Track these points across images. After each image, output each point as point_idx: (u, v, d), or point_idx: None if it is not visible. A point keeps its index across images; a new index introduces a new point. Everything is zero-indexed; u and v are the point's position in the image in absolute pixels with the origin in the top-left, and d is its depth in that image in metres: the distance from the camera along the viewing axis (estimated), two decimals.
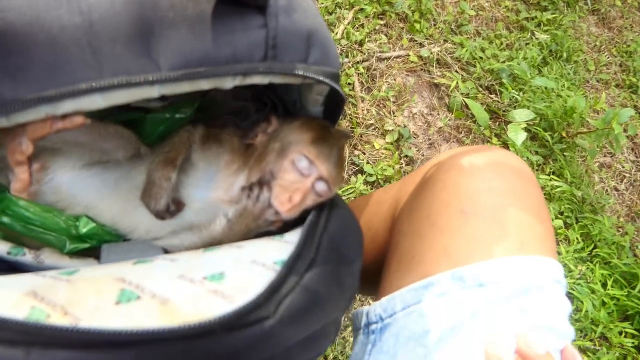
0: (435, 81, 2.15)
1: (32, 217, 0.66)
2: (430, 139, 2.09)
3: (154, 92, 0.48)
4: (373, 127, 2.03)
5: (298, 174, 0.66)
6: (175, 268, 0.52)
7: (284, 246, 0.57)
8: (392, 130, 2.02)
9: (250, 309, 0.44)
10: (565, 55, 2.35)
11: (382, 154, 2.02)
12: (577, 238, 2.00)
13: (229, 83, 0.50)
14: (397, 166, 1.96)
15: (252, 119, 0.81)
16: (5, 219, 0.66)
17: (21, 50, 0.44)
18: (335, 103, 0.65)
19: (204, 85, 0.49)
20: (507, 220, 0.70)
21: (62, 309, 0.44)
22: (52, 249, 0.66)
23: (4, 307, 0.41)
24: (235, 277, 0.50)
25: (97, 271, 0.52)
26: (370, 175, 1.90)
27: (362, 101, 2.04)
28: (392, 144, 2.02)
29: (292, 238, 0.60)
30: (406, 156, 2.01)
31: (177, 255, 0.57)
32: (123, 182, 0.70)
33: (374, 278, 0.84)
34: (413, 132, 2.08)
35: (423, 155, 2.02)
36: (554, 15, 2.44)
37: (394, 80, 2.13)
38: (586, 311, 1.79)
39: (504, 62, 2.21)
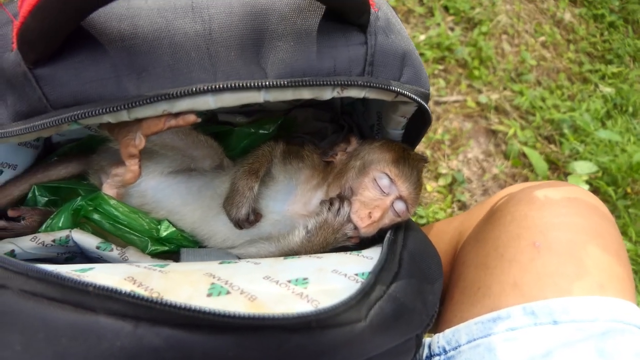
0: (493, 128, 2.13)
1: (120, 217, 0.70)
2: (484, 185, 2.06)
3: (260, 97, 0.51)
4: (426, 169, 2.02)
5: (378, 191, 0.68)
6: (260, 270, 0.54)
7: (363, 260, 0.58)
8: (446, 173, 2.01)
9: (345, 308, 0.44)
10: (631, 109, 2.28)
11: (434, 196, 1.99)
12: None
13: (328, 94, 0.53)
14: (449, 210, 1.93)
15: (329, 139, 0.83)
16: (96, 216, 0.70)
17: (147, 52, 0.49)
18: (418, 125, 0.67)
19: (306, 94, 0.52)
20: (584, 258, 0.67)
21: (159, 295, 0.45)
22: (135, 248, 0.69)
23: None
24: (319, 283, 0.51)
25: (186, 266, 0.54)
26: (421, 217, 1.88)
27: None
28: (445, 187, 2.00)
29: (370, 254, 0.60)
30: (459, 200, 1.98)
31: (260, 260, 0.59)
32: (205, 190, 0.73)
33: None
34: (467, 177, 2.05)
35: (476, 200, 1.98)
36: (619, 69, 2.40)
37: (451, 124, 2.13)
38: None
39: (565, 112, 2.17)
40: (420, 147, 2.05)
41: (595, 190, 2.09)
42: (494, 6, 2.35)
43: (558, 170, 2.11)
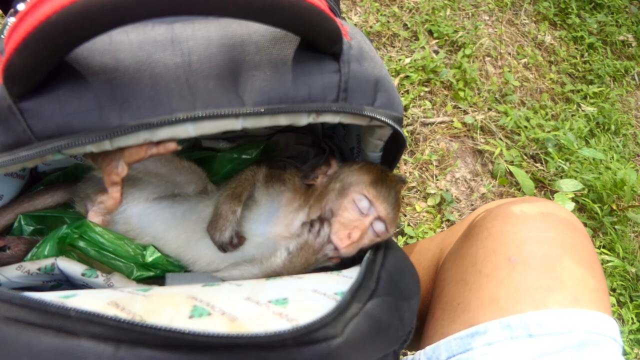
0: (479, 147, 2.17)
1: (105, 244, 0.71)
2: (472, 205, 2.08)
3: (238, 124, 0.53)
4: (415, 189, 2.04)
5: (357, 212, 0.69)
6: (242, 291, 0.55)
7: (342, 280, 0.59)
8: (434, 193, 2.03)
9: (320, 325, 0.45)
10: (613, 128, 2.34)
11: (424, 217, 2.01)
12: (632, 318, 1.88)
13: (304, 120, 0.55)
14: (438, 230, 1.95)
15: (310, 162, 0.85)
16: (82, 244, 0.71)
17: (129, 84, 0.51)
18: (394, 148, 0.69)
19: (282, 120, 0.54)
20: (558, 271, 0.68)
21: (141, 318, 0.46)
22: (120, 274, 0.70)
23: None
24: (298, 302, 0.52)
25: (169, 290, 0.56)
26: (411, 237, 1.89)
27: (405, 164, 2.07)
28: (434, 207, 2.01)
29: (350, 273, 0.62)
30: (448, 220, 2.00)
31: (242, 282, 0.60)
32: (190, 215, 0.75)
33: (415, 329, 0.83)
34: (455, 196, 2.08)
35: None
36: (600, 89, 2.46)
37: (438, 144, 2.16)
38: None
39: (549, 131, 2.22)
40: (408, 168, 2.08)
41: (581, 207, 2.12)
42: (476, 30, 2.42)
43: (544, 188, 2.14)
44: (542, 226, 0.73)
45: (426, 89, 2.23)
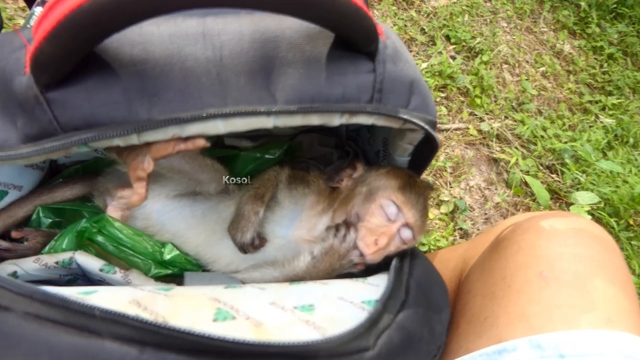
0: (495, 156, 2.14)
1: (124, 239, 0.70)
2: (486, 214, 2.05)
3: (269, 122, 0.51)
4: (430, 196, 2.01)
5: (385, 218, 0.67)
6: (266, 296, 0.53)
7: (369, 287, 0.57)
8: (448, 201, 2.00)
9: (353, 336, 0.43)
10: (632, 140, 2.30)
11: (436, 224, 1.98)
12: None
13: (336, 120, 0.53)
14: (450, 237, 1.92)
15: (334, 165, 0.83)
16: (100, 239, 0.70)
17: (159, 77, 0.49)
18: (425, 152, 0.67)
19: (315, 120, 0.52)
20: (591, 290, 0.66)
21: (164, 319, 0.45)
22: (138, 271, 0.69)
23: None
24: (325, 310, 0.50)
25: (191, 290, 0.54)
26: (423, 244, 1.86)
27: None
28: (447, 215, 1.99)
29: (376, 281, 0.60)
30: (460, 228, 1.97)
31: (265, 285, 0.58)
32: (210, 214, 0.73)
33: None
34: (469, 204, 2.04)
35: (478, 229, 1.97)
36: (619, 101, 2.42)
37: (452, 151, 2.14)
38: None
39: (566, 142, 2.18)
40: (422, 174, 2.05)
41: (597, 221, 2.08)
42: (494, 36, 2.39)
43: (560, 200, 2.10)
44: (574, 242, 0.71)
45: (442, 95, 2.21)
